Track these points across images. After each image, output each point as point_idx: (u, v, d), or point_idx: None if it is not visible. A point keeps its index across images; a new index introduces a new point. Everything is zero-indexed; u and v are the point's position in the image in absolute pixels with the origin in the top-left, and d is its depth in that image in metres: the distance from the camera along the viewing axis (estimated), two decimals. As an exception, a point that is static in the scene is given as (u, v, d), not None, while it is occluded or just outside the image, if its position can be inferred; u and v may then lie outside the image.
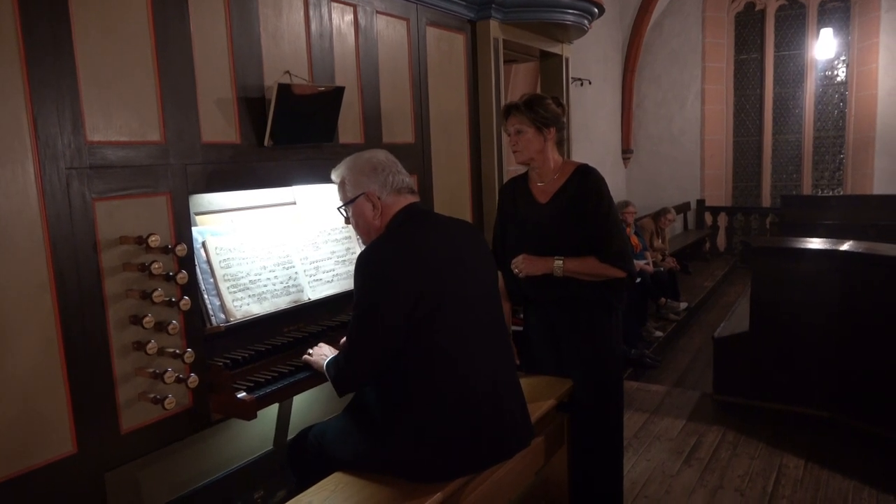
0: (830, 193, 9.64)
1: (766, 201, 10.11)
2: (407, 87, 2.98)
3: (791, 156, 9.99)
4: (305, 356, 2.19)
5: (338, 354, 2.04)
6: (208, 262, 2.17)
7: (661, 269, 6.71)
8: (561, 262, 2.48)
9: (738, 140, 10.29)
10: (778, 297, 4.02)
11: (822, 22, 9.40)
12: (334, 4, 2.54)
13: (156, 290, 1.82)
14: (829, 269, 3.85)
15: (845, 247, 3.91)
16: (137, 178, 1.85)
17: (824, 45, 9.27)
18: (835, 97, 9.55)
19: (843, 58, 9.36)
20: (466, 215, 3.43)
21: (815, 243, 4.18)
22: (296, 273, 2.43)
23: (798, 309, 3.94)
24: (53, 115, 1.65)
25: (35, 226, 1.63)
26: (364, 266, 1.87)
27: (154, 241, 1.82)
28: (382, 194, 2.00)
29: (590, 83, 8.41)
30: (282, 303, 2.34)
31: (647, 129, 10.42)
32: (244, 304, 2.22)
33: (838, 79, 9.48)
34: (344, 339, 2.08)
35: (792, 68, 9.77)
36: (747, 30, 10.04)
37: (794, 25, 9.71)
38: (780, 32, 9.83)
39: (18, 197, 1.59)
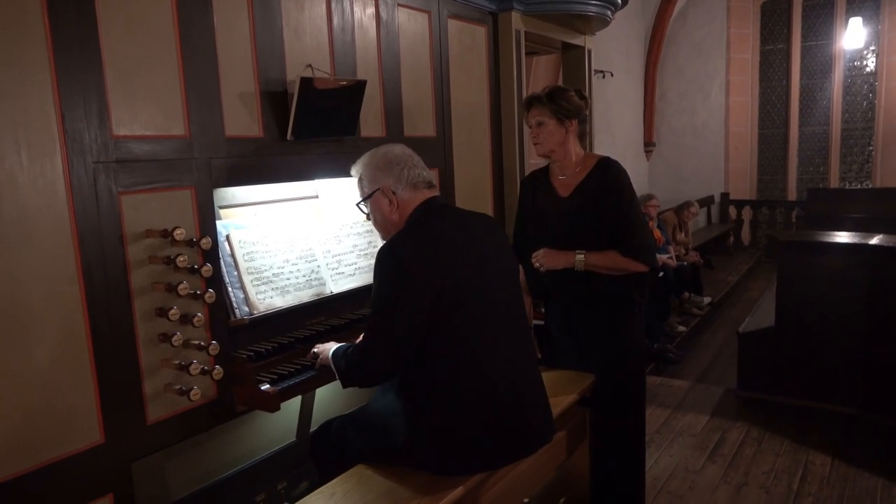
0: (858, 186, 9.45)
1: (792, 195, 9.92)
2: (428, 81, 2.97)
3: (818, 148, 9.79)
4: (314, 349, 2.16)
5: (346, 345, 2.00)
6: (232, 255, 2.19)
7: (684, 263, 6.64)
8: (582, 256, 2.46)
9: (763, 132, 10.11)
10: (804, 292, 3.96)
11: (851, 11, 9.19)
12: (356, -2, 2.54)
13: (181, 282, 1.84)
14: (857, 263, 3.79)
15: (874, 241, 3.83)
16: (162, 172, 1.87)
17: (853, 35, 9.04)
18: (863, 88, 9.34)
19: (872, 48, 9.15)
20: (488, 209, 3.42)
21: (843, 237, 4.10)
22: (318, 266, 2.44)
23: (825, 304, 3.88)
24: (80, 109, 1.67)
25: (63, 219, 1.65)
26: (383, 261, 1.85)
27: (179, 234, 1.84)
28: (398, 189, 1.98)
29: (611, 75, 8.32)
30: (304, 296, 2.36)
31: (669, 121, 10.29)
32: (267, 297, 2.24)
33: (867, 69, 9.28)
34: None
35: (819, 59, 9.57)
36: (773, 20, 9.85)
37: (821, 15, 9.51)
38: (808, 22, 9.63)
39: (47, 191, 1.62)
